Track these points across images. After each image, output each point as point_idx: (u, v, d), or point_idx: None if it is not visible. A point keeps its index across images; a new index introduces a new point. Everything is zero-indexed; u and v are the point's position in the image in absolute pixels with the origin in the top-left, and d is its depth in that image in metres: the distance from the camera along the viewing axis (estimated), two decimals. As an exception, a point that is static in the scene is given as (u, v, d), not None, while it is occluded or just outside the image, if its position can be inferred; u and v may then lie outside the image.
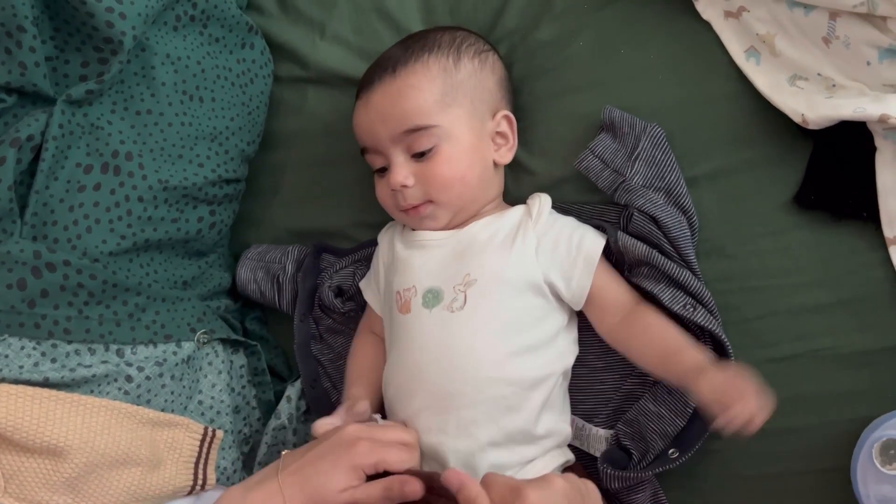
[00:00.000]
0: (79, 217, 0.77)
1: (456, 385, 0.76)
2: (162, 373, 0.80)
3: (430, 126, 0.79)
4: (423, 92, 0.79)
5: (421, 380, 0.78)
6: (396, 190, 0.81)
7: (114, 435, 0.74)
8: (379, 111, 0.80)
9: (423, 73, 0.80)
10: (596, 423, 0.83)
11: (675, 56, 0.84)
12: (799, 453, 0.79)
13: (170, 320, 0.83)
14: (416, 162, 0.80)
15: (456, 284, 0.79)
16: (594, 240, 0.80)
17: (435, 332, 0.78)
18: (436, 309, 0.79)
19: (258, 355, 0.94)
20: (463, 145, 0.80)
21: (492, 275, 0.78)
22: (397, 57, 0.81)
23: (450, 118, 0.80)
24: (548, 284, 0.79)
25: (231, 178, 0.91)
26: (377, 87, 0.81)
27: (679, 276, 0.78)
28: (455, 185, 0.80)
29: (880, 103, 0.71)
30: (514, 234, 0.80)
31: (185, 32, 0.88)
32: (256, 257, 0.97)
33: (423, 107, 0.79)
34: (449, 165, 0.80)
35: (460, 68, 0.81)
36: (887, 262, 0.76)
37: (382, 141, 0.80)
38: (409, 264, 0.83)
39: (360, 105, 0.83)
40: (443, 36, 0.83)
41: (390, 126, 0.79)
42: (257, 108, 0.95)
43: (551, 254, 0.79)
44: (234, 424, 0.88)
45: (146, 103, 0.83)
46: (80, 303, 0.76)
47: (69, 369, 0.74)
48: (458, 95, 0.80)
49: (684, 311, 0.77)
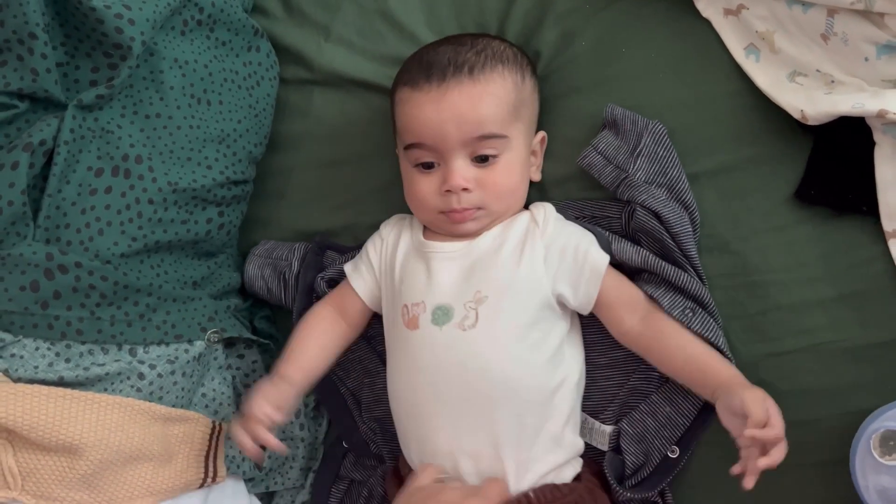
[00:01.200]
0: (90, 220, 0.78)
1: (474, 406, 0.76)
2: (174, 370, 0.81)
3: (502, 136, 0.79)
4: (502, 101, 0.79)
5: (438, 401, 0.78)
6: (453, 191, 0.80)
7: (127, 431, 0.75)
8: (456, 111, 0.78)
9: (501, 82, 0.80)
10: (602, 420, 0.84)
11: (676, 55, 0.85)
12: (800, 446, 0.77)
13: (180, 320, 0.84)
14: (475, 166, 0.80)
15: (467, 301, 0.78)
16: (599, 251, 0.80)
17: (448, 350, 0.78)
18: (446, 327, 0.78)
19: (271, 353, 0.95)
20: (519, 158, 0.81)
21: (502, 290, 0.78)
22: (472, 61, 0.79)
23: (516, 131, 0.80)
24: (555, 295, 0.79)
25: (239, 180, 0.92)
26: (453, 85, 0.78)
27: (678, 280, 0.78)
28: (508, 195, 0.81)
29: (879, 98, 0.72)
30: (521, 244, 0.80)
31: (193, 37, 0.89)
32: (264, 254, 0.97)
33: (500, 115, 0.79)
34: (507, 176, 0.80)
35: (525, 85, 0.82)
36: (887, 255, 0.77)
37: (451, 141, 0.78)
38: (417, 277, 0.82)
39: (424, 100, 0.79)
40: (505, 49, 0.83)
41: (465, 129, 0.78)
42: (264, 111, 0.96)
43: (559, 263, 0.80)
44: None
45: (155, 107, 0.84)
46: (92, 304, 0.77)
47: (83, 368, 0.75)
48: (522, 110, 0.81)
49: (683, 316, 0.77)
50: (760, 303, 0.81)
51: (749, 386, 0.72)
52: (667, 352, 0.78)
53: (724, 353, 0.77)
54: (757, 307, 0.81)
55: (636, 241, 0.83)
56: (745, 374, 0.80)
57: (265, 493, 0.96)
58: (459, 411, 0.77)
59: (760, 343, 0.81)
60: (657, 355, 0.79)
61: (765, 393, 0.70)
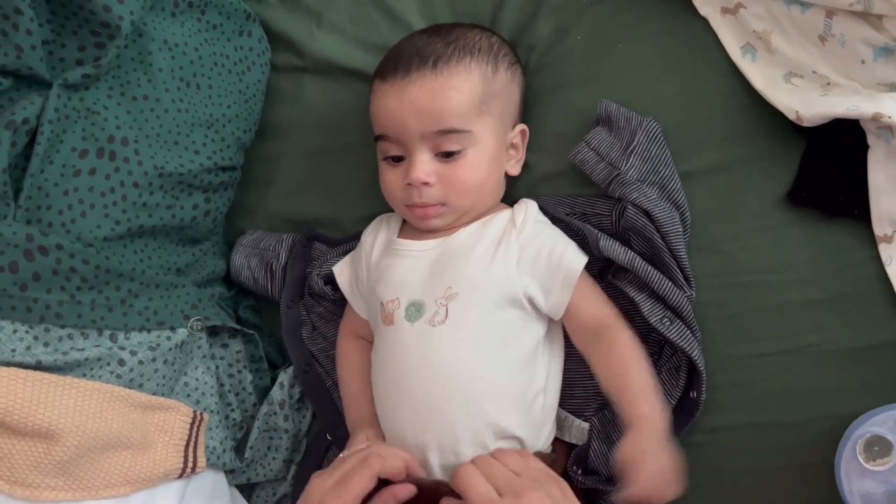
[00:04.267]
0: (73, 201, 0.77)
1: (437, 401, 0.76)
2: (155, 357, 0.80)
3: (464, 130, 0.78)
4: (464, 95, 0.78)
5: (404, 394, 0.78)
6: (414, 185, 0.79)
7: (105, 418, 0.74)
8: (415, 104, 0.78)
9: (465, 75, 0.79)
10: (585, 417, 0.83)
11: (671, 51, 0.84)
12: (784, 448, 0.79)
13: (163, 307, 0.83)
14: (439, 161, 0.79)
15: (438, 298, 0.78)
16: (576, 256, 0.80)
17: (416, 346, 0.78)
18: (418, 322, 0.78)
19: (255, 343, 0.94)
20: (487, 153, 0.80)
21: (473, 288, 0.78)
22: (438, 52, 0.79)
23: (481, 125, 0.79)
24: (527, 298, 0.79)
25: (227, 166, 0.91)
26: (415, 78, 0.78)
27: (660, 289, 0.78)
28: (473, 191, 0.80)
29: (874, 102, 0.71)
30: (496, 243, 0.80)
31: (183, 19, 0.88)
32: (251, 244, 0.97)
33: (462, 110, 0.78)
34: (472, 171, 0.79)
35: (497, 77, 0.81)
36: (877, 259, 0.77)
37: (411, 134, 0.78)
38: (393, 274, 0.82)
39: (389, 91, 0.80)
40: (481, 39, 0.82)
41: (425, 122, 0.78)
42: (254, 97, 0.95)
43: (532, 266, 0.79)
44: (219, 405, 0.88)
45: (143, 89, 0.83)
46: (72, 287, 0.76)
47: (62, 353, 0.74)
48: (491, 104, 0.80)
49: (661, 325, 0.77)
50: (748, 303, 0.81)
51: (649, 440, 0.71)
52: (601, 371, 0.79)
53: (697, 364, 0.77)
54: (744, 308, 0.81)
55: (626, 239, 0.83)
56: (731, 375, 0.81)
57: (246, 485, 0.95)
58: (425, 406, 0.77)
59: (747, 344, 0.81)
60: (597, 371, 0.79)
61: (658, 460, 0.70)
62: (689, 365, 0.79)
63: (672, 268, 0.80)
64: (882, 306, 0.77)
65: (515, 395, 0.77)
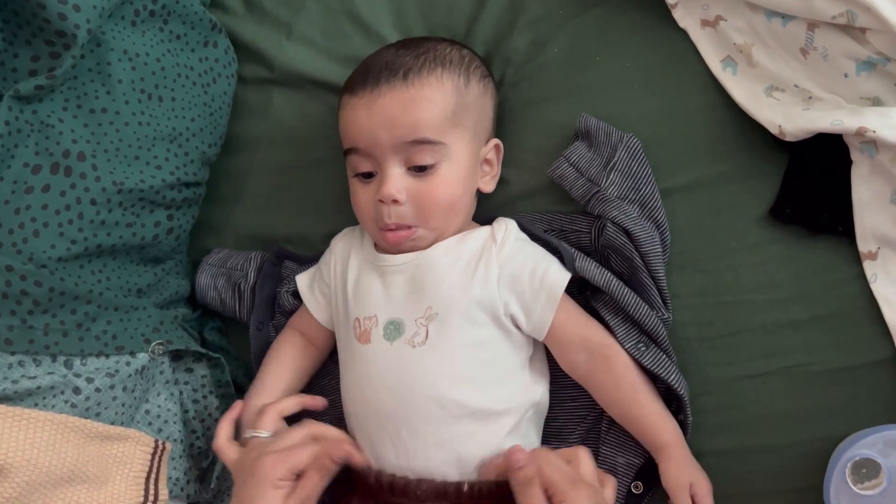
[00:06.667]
0: (25, 220, 0.74)
1: (418, 423, 0.75)
2: (113, 384, 0.77)
3: (437, 142, 0.76)
4: (437, 106, 0.76)
5: (382, 414, 0.77)
6: (385, 202, 0.77)
7: (59, 451, 0.71)
8: (387, 115, 0.76)
9: (437, 86, 0.77)
10: (571, 443, 0.81)
11: (651, 65, 0.83)
12: (771, 472, 0.78)
13: (122, 330, 0.80)
14: (411, 176, 0.77)
15: (418, 317, 0.77)
16: (559, 273, 0.78)
17: (397, 367, 0.76)
18: (397, 342, 0.77)
19: (221, 367, 0.91)
20: (461, 168, 0.78)
21: (453, 307, 0.76)
22: (408, 65, 0.77)
23: (455, 138, 0.77)
24: (508, 316, 0.77)
25: (191, 182, 0.88)
26: (385, 90, 0.76)
27: (636, 312, 0.77)
28: (445, 210, 0.78)
29: (857, 116, 0.71)
30: (476, 261, 0.78)
31: (145, 28, 0.85)
32: (217, 263, 0.94)
33: (435, 121, 0.76)
34: (445, 187, 0.77)
35: (470, 89, 0.79)
36: (862, 277, 0.76)
37: (382, 146, 0.76)
38: (370, 290, 0.80)
39: (359, 104, 0.78)
40: (451, 52, 0.80)
41: (397, 133, 0.76)
42: (220, 109, 0.92)
43: (513, 285, 0.77)
44: (183, 433, 0.85)
45: (101, 101, 0.80)
46: (23, 311, 0.73)
47: (11, 381, 0.71)
48: (464, 117, 0.78)
49: (635, 350, 0.76)
50: (732, 323, 0.80)
51: (682, 466, 0.74)
52: (607, 399, 0.78)
53: (675, 389, 0.76)
54: (728, 328, 0.80)
55: (605, 257, 0.81)
56: (716, 397, 0.79)
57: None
58: (407, 429, 0.75)
59: (731, 365, 0.80)
60: (602, 399, 0.79)
61: (695, 477, 0.73)
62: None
63: (650, 288, 0.78)
64: (868, 325, 0.76)
65: (497, 414, 0.75)
